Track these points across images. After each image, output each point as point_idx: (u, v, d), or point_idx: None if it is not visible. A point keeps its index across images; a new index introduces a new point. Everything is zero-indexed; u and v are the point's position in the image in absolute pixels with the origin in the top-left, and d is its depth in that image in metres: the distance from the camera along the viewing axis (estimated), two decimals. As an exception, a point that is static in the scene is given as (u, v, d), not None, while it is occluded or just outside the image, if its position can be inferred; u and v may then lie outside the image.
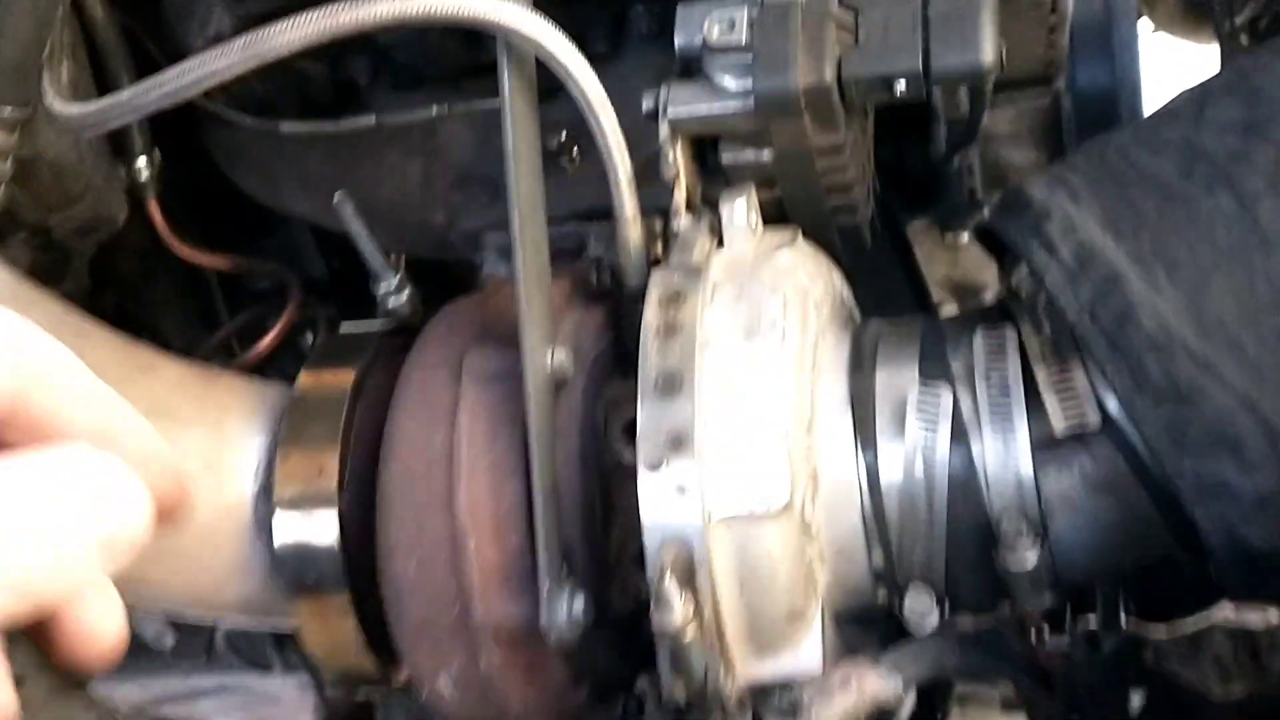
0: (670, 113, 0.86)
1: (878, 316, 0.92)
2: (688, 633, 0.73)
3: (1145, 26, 1.61)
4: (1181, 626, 0.91)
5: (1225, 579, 0.77)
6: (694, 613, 0.73)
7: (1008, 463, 0.78)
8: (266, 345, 1.16)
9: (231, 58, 0.78)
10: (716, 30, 0.85)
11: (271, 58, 0.79)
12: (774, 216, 0.90)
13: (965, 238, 1.26)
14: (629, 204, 0.85)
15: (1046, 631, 0.87)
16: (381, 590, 0.86)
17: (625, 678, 0.86)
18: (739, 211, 0.86)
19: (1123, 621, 0.89)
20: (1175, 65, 1.63)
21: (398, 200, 1.13)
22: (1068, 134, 1.25)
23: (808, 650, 0.80)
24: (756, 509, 0.75)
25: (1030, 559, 0.76)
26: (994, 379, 0.79)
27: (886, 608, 0.84)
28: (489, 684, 0.85)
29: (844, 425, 0.81)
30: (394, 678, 0.94)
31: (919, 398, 0.80)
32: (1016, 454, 0.78)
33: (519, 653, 0.84)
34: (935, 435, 0.79)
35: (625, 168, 0.84)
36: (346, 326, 0.99)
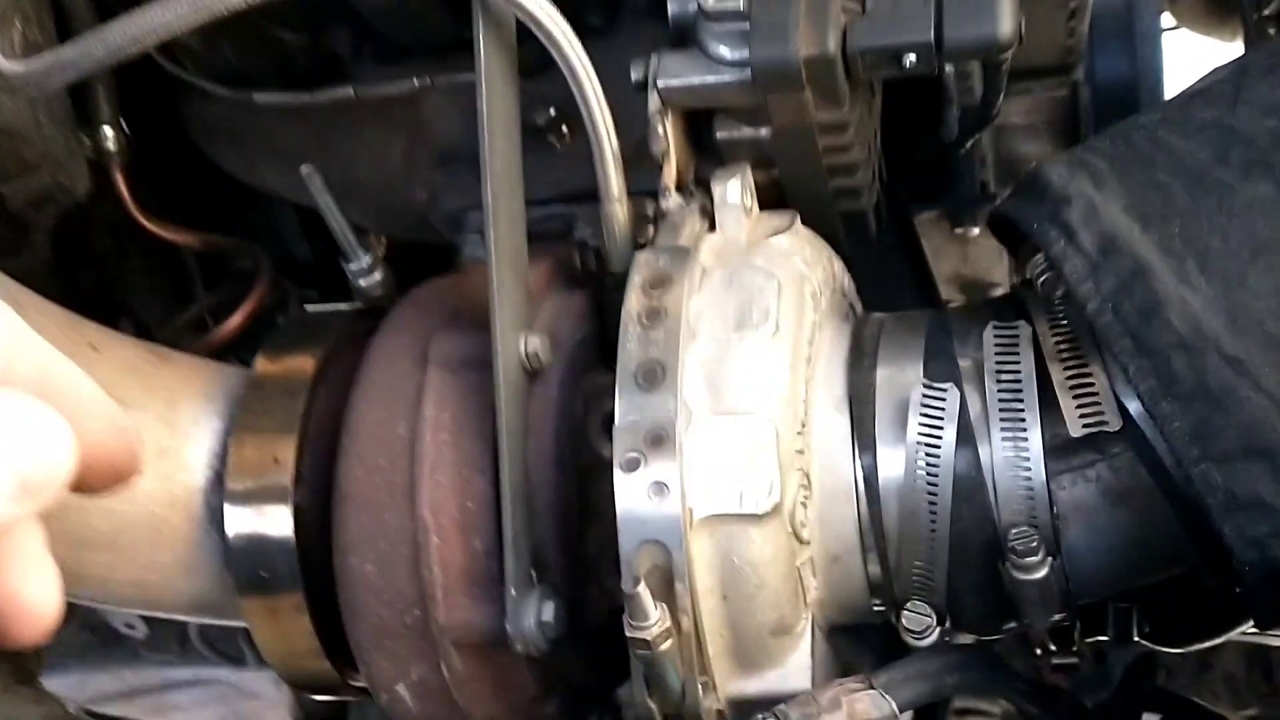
0: (661, 83, 0.84)
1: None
2: (663, 645, 0.70)
3: (1166, 22, 1.61)
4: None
5: (1254, 602, 0.74)
6: (671, 623, 0.70)
7: (1018, 469, 0.75)
8: (233, 327, 1.14)
9: (181, 9, 0.76)
10: (713, -5, 0.82)
11: (222, 12, 0.76)
12: (771, 199, 0.87)
13: (976, 232, 1.25)
14: (615, 181, 0.82)
15: (1053, 650, 0.86)
16: (338, 590, 0.83)
17: (601, 691, 0.83)
18: (732, 192, 0.83)
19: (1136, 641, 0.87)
20: (1197, 61, 1.62)
21: (377, 178, 1.10)
22: (1085, 126, 1.28)
23: (795, 667, 0.77)
24: (741, 510, 0.72)
25: (1040, 574, 0.74)
26: (1005, 378, 0.77)
27: (882, 621, 0.82)
28: (451, 694, 0.82)
29: (840, 425, 0.79)
30: (351, 683, 0.91)
31: (923, 397, 0.77)
32: (1028, 459, 0.75)
33: (484, 662, 0.81)
34: (939, 438, 0.76)
35: (611, 141, 0.81)
36: (313, 308, 0.96)
